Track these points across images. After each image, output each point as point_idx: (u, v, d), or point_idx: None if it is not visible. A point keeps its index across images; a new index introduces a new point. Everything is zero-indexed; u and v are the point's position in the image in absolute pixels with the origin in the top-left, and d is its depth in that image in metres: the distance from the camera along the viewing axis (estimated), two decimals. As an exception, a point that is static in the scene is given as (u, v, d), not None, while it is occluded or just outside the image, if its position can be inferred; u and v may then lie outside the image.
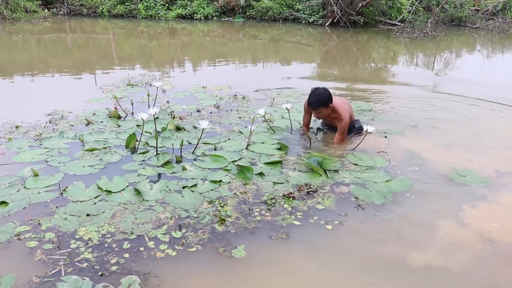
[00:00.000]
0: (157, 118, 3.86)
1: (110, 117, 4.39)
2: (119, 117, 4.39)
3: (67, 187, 2.94)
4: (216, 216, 2.68)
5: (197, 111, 4.71)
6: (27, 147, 3.58)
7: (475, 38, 12.72)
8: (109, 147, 3.65)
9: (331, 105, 3.78)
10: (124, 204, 2.78)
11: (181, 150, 3.61)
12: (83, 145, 3.64)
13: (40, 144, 3.66)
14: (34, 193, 2.87)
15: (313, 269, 2.33)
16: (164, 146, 3.71)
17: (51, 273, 2.15)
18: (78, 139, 3.74)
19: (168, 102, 5.03)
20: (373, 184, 3.16)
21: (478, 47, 11.84)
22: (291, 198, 2.92)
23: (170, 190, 2.99)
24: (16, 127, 4.03)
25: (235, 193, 2.98)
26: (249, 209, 2.79)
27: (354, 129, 4.11)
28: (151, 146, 3.67)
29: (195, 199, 2.89)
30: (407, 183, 3.21)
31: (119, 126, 4.18)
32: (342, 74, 7.50)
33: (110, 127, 4.13)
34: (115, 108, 4.56)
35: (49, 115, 4.44)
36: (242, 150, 3.67)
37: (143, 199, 2.85)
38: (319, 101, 3.74)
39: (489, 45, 11.94)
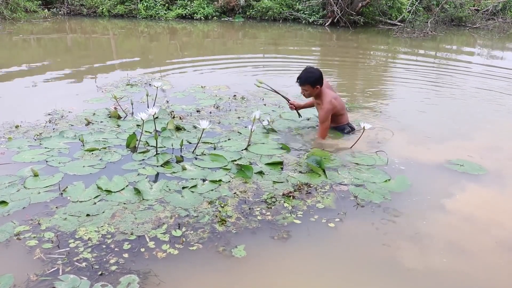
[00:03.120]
0: (156, 118, 3.85)
1: (110, 117, 4.39)
2: (119, 117, 4.38)
3: (67, 187, 2.94)
4: (216, 216, 2.68)
5: (197, 111, 4.71)
6: (27, 147, 3.58)
7: (475, 38, 12.72)
8: (109, 147, 3.65)
9: (318, 86, 3.78)
10: (124, 203, 2.78)
11: (181, 150, 3.61)
12: (83, 145, 3.64)
13: (40, 144, 3.66)
14: (34, 193, 2.86)
15: (313, 267, 2.32)
16: (164, 146, 3.70)
17: (49, 271, 2.15)
18: (78, 139, 3.73)
19: (167, 102, 5.03)
20: (372, 185, 3.15)
21: (478, 46, 11.84)
22: (291, 197, 2.92)
23: (170, 189, 2.98)
24: (16, 127, 4.03)
25: (235, 192, 2.98)
26: (249, 209, 2.78)
27: (344, 132, 4.08)
28: (151, 146, 3.67)
29: (195, 199, 2.88)
30: (406, 183, 3.20)
31: (119, 126, 4.17)
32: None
33: (110, 127, 4.12)
34: (115, 108, 4.56)
35: (48, 114, 4.44)
36: (242, 150, 3.67)
37: (143, 199, 2.85)
38: (307, 78, 3.77)
39: (489, 45, 11.94)
